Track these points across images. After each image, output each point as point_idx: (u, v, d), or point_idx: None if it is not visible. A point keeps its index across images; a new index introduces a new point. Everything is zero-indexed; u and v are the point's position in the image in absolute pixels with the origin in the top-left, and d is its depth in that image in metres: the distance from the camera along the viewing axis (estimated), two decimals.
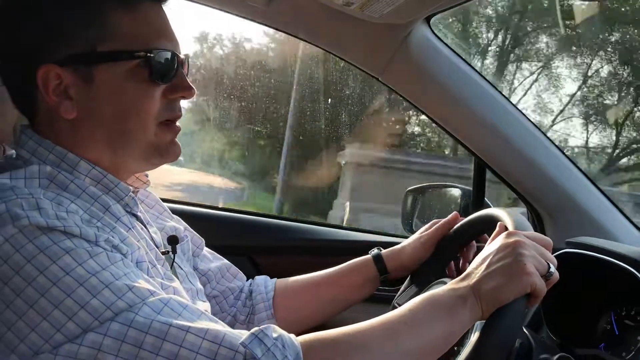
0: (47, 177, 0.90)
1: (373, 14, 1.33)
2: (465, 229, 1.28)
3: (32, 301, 0.76)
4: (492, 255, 0.94)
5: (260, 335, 0.79)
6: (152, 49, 0.93)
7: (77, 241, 0.80)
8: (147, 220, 1.07)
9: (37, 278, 0.76)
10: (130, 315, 0.76)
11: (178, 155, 1.02)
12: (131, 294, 0.79)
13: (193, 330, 0.77)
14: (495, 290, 0.90)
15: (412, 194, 1.95)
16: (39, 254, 0.77)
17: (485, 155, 1.65)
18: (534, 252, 0.93)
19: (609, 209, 1.59)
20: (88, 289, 0.77)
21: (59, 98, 0.91)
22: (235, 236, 1.87)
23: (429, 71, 1.54)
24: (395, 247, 1.34)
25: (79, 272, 0.78)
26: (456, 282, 0.95)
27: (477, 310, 0.90)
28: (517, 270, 0.90)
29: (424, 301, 0.92)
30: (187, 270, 1.14)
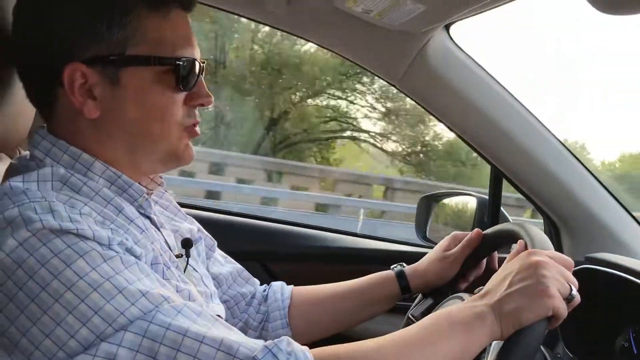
0: (60, 180, 0.89)
1: (391, 21, 1.32)
2: (484, 243, 1.26)
3: (47, 306, 0.75)
4: (514, 275, 0.92)
5: (274, 350, 0.78)
6: (180, 57, 0.94)
7: (91, 244, 0.80)
8: (161, 223, 1.06)
9: (52, 282, 0.76)
10: (144, 324, 0.76)
11: (192, 159, 1.02)
12: (145, 300, 0.78)
13: (208, 340, 0.76)
14: (516, 311, 0.88)
15: (426, 200, 1.93)
16: (53, 257, 0.77)
17: (502, 164, 1.64)
18: (556, 273, 0.91)
19: (628, 222, 1.57)
20: (102, 294, 0.76)
21: (83, 97, 0.91)
22: (249, 242, 1.85)
23: (447, 79, 1.53)
24: (419, 265, 1.31)
25: (92, 277, 0.77)
26: (475, 299, 0.93)
27: (497, 329, 0.88)
28: (540, 292, 0.88)
29: (441, 318, 0.90)
30: (202, 272, 1.14)
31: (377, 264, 1.83)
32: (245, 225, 1.90)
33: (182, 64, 0.94)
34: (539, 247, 0.98)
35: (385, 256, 1.87)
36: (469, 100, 1.54)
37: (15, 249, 0.77)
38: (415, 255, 1.64)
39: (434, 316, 0.91)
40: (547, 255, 0.94)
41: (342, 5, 1.31)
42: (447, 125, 1.64)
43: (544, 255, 0.94)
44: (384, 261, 1.84)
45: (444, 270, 1.27)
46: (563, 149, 1.57)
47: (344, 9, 1.32)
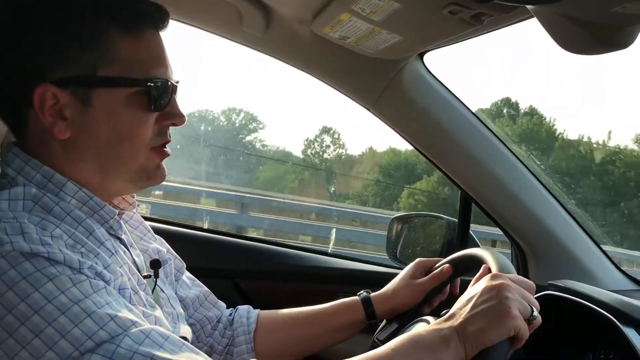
0: (32, 199, 0.89)
1: (368, 49, 1.35)
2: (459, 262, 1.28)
3: (12, 329, 0.75)
4: (477, 297, 0.94)
5: None
6: (152, 78, 0.94)
7: (61, 268, 0.80)
8: (131, 243, 1.06)
9: (19, 306, 0.75)
10: (112, 347, 0.76)
11: (164, 179, 1.02)
12: (113, 323, 0.78)
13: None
14: (479, 332, 0.89)
15: (397, 222, 1.95)
16: (21, 280, 0.76)
17: (472, 189, 1.67)
18: (518, 295, 0.94)
19: (594, 251, 1.61)
20: (70, 318, 0.76)
21: (53, 118, 0.91)
22: (220, 259, 1.85)
23: (419, 105, 1.56)
24: (385, 291, 1.32)
25: (61, 300, 0.77)
26: (440, 322, 0.95)
27: (461, 351, 0.90)
28: (502, 313, 0.90)
29: (407, 341, 0.91)
30: (169, 293, 1.13)
31: (348, 284, 1.85)
32: (217, 241, 1.90)
33: (154, 85, 0.94)
34: (501, 271, 1.01)
35: (356, 276, 1.89)
36: (440, 126, 1.57)
37: None
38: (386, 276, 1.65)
39: (401, 339, 0.92)
40: (509, 278, 0.97)
41: (319, 31, 1.33)
42: (418, 150, 1.67)
43: (506, 278, 0.96)
44: (355, 281, 1.86)
45: (410, 297, 1.29)
46: (531, 177, 1.61)
47: (322, 34, 1.34)
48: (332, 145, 19.29)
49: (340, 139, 19.41)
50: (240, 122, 19.95)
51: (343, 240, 7.57)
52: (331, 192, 14.46)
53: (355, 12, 1.16)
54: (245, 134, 19.86)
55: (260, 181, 14.94)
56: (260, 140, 20.31)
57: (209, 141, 15.50)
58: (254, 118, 19.75)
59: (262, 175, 15.54)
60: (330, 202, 11.48)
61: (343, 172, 16.39)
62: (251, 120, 19.88)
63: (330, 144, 19.28)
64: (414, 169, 14.72)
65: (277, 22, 1.43)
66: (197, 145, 12.79)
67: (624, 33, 0.88)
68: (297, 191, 14.04)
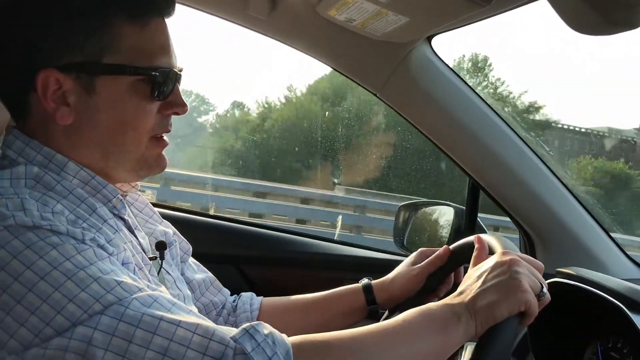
0: (34, 178, 0.88)
1: (374, 32, 1.33)
2: (452, 256, 1.27)
3: (20, 296, 0.75)
4: (488, 273, 0.95)
5: (251, 331, 0.79)
6: (157, 67, 0.93)
7: (64, 238, 0.80)
8: (135, 225, 1.06)
9: (24, 273, 0.75)
10: (121, 309, 0.75)
11: (164, 168, 1.02)
12: (119, 288, 0.78)
13: (184, 324, 0.76)
14: (490, 306, 0.90)
15: (405, 209, 1.94)
16: (25, 249, 0.76)
17: (479, 176, 1.65)
18: (527, 271, 0.95)
19: (603, 238, 1.59)
20: (76, 283, 0.76)
21: (56, 104, 0.90)
22: (225, 245, 1.85)
23: (427, 90, 1.54)
24: (385, 279, 1.32)
25: (66, 266, 0.77)
26: (451, 298, 0.95)
27: (472, 327, 0.90)
28: (513, 286, 0.91)
29: (418, 313, 0.91)
30: (175, 275, 1.13)
31: (353, 271, 1.84)
32: (221, 227, 1.90)
33: (159, 74, 0.93)
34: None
35: (362, 263, 1.88)
36: (448, 112, 1.55)
37: None
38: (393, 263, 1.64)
39: (411, 312, 0.92)
40: (518, 255, 0.98)
41: (325, 13, 1.31)
42: (425, 135, 1.65)
43: (515, 255, 0.97)
44: (361, 268, 1.85)
45: (408, 283, 1.28)
46: (540, 163, 1.59)
47: (327, 17, 1.33)
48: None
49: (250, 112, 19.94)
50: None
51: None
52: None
53: None
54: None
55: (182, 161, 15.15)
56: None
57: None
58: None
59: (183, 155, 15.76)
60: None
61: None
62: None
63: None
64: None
65: (282, 5, 1.42)
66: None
67: (634, 13, 0.85)
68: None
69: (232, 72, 46.51)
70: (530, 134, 1.61)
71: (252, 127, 17.30)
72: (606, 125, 32.40)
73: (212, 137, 18.68)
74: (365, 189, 9.71)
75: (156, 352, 0.74)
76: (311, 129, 14.54)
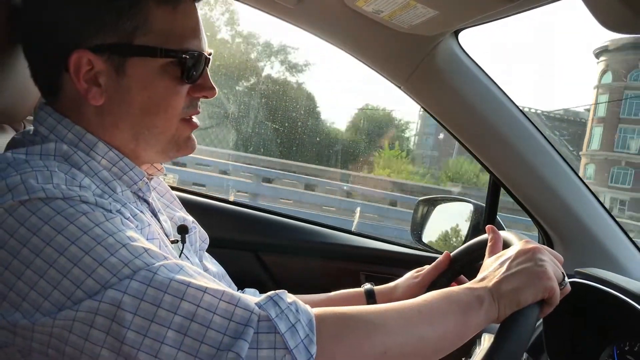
0: (62, 156, 0.90)
1: (402, 24, 1.32)
2: (462, 256, 1.27)
3: (52, 260, 0.76)
4: (511, 260, 0.97)
5: (275, 298, 0.80)
6: (187, 50, 0.94)
7: (93, 207, 0.81)
8: (158, 208, 1.07)
9: (55, 238, 0.77)
10: (149, 275, 0.76)
11: (193, 150, 1.03)
12: (147, 255, 0.79)
13: (210, 291, 0.77)
14: (515, 291, 0.92)
15: (423, 204, 1.94)
16: (55, 215, 0.78)
17: (501, 173, 1.64)
18: (550, 260, 0.97)
19: (622, 240, 1.58)
20: (106, 247, 0.77)
21: (88, 84, 0.91)
22: (244, 231, 1.86)
23: (452, 84, 1.53)
24: (389, 285, 1.33)
25: (96, 232, 0.78)
26: (474, 282, 0.96)
27: (494, 311, 0.91)
28: (538, 273, 0.93)
29: (440, 295, 0.92)
30: (194, 261, 1.14)
31: (371, 263, 1.84)
32: (240, 214, 1.91)
33: (189, 57, 0.94)
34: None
35: (378, 256, 1.88)
36: (473, 108, 1.55)
37: (18, 208, 0.78)
38: (409, 257, 1.64)
39: (433, 293, 0.93)
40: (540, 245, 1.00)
41: (352, 4, 1.31)
42: (449, 130, 1.64)
43: (538, 244, 0.99)
44: (378, 261, 1.85)
45: (410, 290, 1.29)
46: (562, 162, 1.58)
47: (354, 7, 1.32)
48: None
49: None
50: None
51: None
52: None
53: None
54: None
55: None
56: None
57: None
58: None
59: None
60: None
61: None
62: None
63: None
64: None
65: None
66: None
67: None
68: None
69: None
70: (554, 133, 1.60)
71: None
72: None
73: None
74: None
75: (183, 317, 0.75)
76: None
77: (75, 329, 0.74)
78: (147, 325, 0.74)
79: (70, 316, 0.74)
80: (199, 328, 0.75)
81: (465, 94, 1.54)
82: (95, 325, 0.74)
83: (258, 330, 0.76)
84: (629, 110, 33.08)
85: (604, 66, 34.47)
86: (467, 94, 1.54)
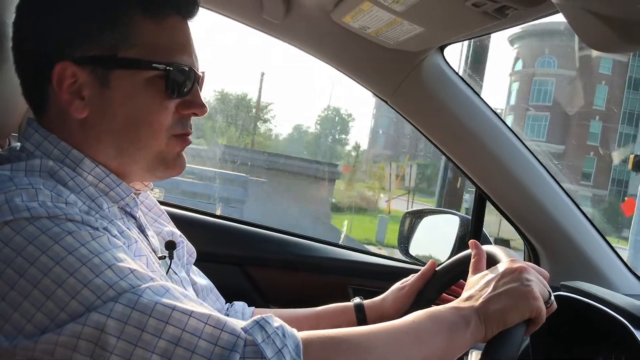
0: (48, 172, 0.89)
1: (388, 40, 1.33)
2: (449, 269, 1.28)
3: (36, 281, 0.75)
4: (498, 279, 0.96)
5: (261, 322, 0.79)
6: (172, 63, 0.93)
7: (80, 225, 0.80)
8: (145, 224, 1.06)
9: (40, 258, 0.75)
10: (134, 297, 0.75)
11: (183, 169, 1.01)
12: (133, 276, 0.78)
13: (196, 315, 0.76)
14: (502, 311, 0.92)
15: (410, 216, 1.94)
16: (40, 235, 0.77)
17: (487, 186, 1.65)
18: (537, 279, 0.97)
19: (607, 253, 1.59)
20: (91, 268, 0.76)
21: (71, 96, 0.91)
22: (230, 245, 1.85)
23: (437, 98, 1.55)
24: (377, 298, 1.33)
25: (81, 252, 0.77)
26: (459, 301, 0.96)
27: (481, 331, 0.91)
28: (525, 293, 0.93)
29: (426, 315, 0.92)
30: (182, 276, 1.13)
31: (358, 276, 1.84)
32: (226, 227, 1.90)
33: (172, 70, 0.93)
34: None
35: (366, 269, 1.88)
36: (458, 121, 1.56)
37: (2, 228, 0.77)
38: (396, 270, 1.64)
39: (419, 313, 0.92)
40: (526, 263, 1.00)
41: (339, 19, 1.32)
42: (435, 144, 1.65)
43: (524, 263, 0.99)
44: (365, 274, 1.85)
45: (398, 302, 1.29)
46: (548, 176, 1.59)
47: (341, 23, 1.33)
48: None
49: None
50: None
51: None
52: None
53: (377, 2, 1.14)
54: None
55: None
56: None
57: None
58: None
59: None
60: None
61: None
62: None
63: None
64: None
65: (297, 10, 1.42)
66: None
67: None
68: None
69: None
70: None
71: None
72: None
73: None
74: None
75: (168, 342, 0.74)
76: None
77: (58, 353, 0.73)
78: (131, 349, 0.73)
79: (53, 340, 0.73)
80: (184, 353, 0.74)
81: (450, 108, 1.55)
82: (79, 349, 0.73)
83: (244, 355, 0.75)
84: (537, 97, 33.91)
85: (516, 53, 35.18)
86: (453, 108, 1.55)
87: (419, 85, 1.53)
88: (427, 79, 1.51)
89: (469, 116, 1.55)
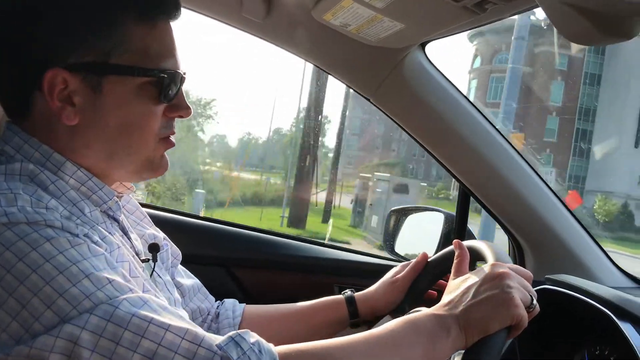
0: (28, 175, 0.87)
1: (369, 37, 1.33)
2: (440, 262, 1.28)
3: (12, 289, 0.73)
4: (478, 285, 0.95)
5: (237, 339, 0.78)
6: (164, 69, 0.93)
7: (59, 231, 0.79)
8: (128, 227, 1.05)
9: (16, 265, 0.74)
10: (110, 309, 0.74)
11: (166, 169, 1.01)
12: (111, 287, 0.77)
13: (173, 329, 0.75)
14: (483, 320, 0.90)
15: (395, 214, 1.94)
16: (18, 241, 0.75)
17: (470, 182, 1.65)
18: (518, 284, 0.95)
19: (591, 247, 1.60)
20: (68, 277, 0.75)
21: (62, 103, 0.89)
22: (215, 247, 1.84)
23: (419, 95, 1.55)
24: (368, 291, 1.33)
25: (59, 260, 0.75)
26: (438, 308, 0.95)
27: (461, 339, 0.90)
28: (506, 301, 0.91)
29: (405, 324, 0.91)
30: (166, 279, 1.12)
31: (345, 275, 1.84)
32: (210, 229, 1.89)
33: (165, 76, 0.93)
34: (500, 260, 1.03)
35: (352, 268, 1.88)
36: (440, 117, 1.56)
37: None
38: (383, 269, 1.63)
39: (398, 321, 0.92)
40: (508, 267, 0.98)
41: (320, 17, 1.32)
42: (417, 141, 1.66)
43: (506, 267, 0.97)
44: (352, 273, 1.85)
45: (390, 294, 1.29)
46: (531, 171, 1.60)
47: (322, 21, 1.33)
48: None
49: None
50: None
51: None
52: None
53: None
54: None
55: None
56: None
57: None
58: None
59: None
60: None
61: None
62: None
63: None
64: None
65: (277, 8, 1.42)
66: None
67: (629, 23, 0.86)
68: None
69: None
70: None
71: None
72: None
73: None
74: None
75: (143, 356, 0.73)
76: None
77: None
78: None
79: (25, 352, 0.72)
80: None
81: (432, 105, 1.55)
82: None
83: None
84: (494, 94, 34.02)
85: (475, 50, 35.36)
86: (435, 105, 1.55)
87: (401, 82, 1.53)
88: (410, 75, 1.51)
89: (452, 112, 1.56)
